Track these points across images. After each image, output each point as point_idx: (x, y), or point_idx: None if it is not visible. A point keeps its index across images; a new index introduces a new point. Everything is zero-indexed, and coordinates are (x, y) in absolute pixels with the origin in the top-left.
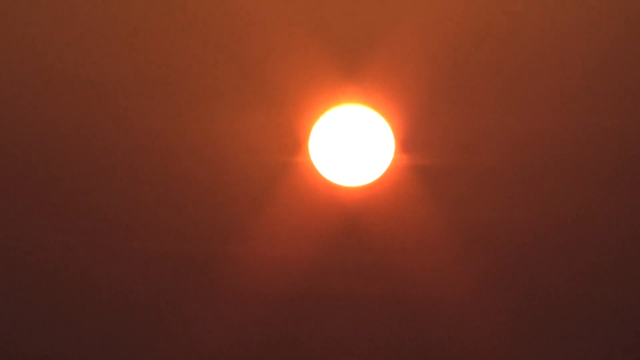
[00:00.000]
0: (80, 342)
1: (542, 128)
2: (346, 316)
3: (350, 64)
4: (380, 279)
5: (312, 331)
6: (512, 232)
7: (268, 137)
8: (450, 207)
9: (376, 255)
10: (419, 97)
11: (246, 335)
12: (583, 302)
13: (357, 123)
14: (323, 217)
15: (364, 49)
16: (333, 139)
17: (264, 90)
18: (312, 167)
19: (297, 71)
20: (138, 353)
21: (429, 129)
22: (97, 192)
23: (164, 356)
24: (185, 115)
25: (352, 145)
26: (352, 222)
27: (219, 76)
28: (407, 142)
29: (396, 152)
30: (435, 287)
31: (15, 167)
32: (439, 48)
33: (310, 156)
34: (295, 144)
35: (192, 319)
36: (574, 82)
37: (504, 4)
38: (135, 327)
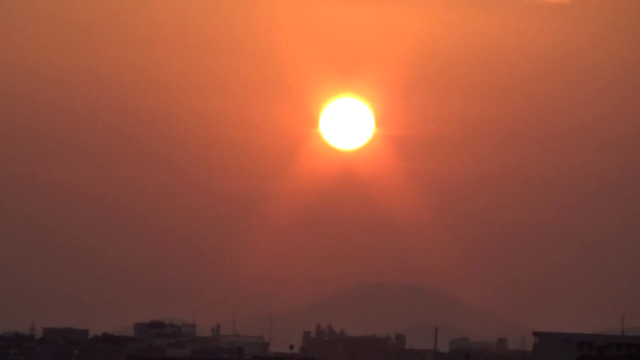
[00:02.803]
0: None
1: (476, 112)
2: (342, 223)
3: (347, 73)
4: (363, 204)
5: (322, 233)
6: (455, 179)
7: (295, 117)
8: (410, 161)
9: (362, 190)
10: (391, 93)
11: (280, 237)
12: (508, 226)
13: (350, 108)
14: (328, 167)
15: (355, 63)
16: (335, 118)
17: (293, 90)
18: (321, 136)
19: (313, 78)
20: (219, 254)
21: (396, 113)
22: (184, 150)
23: (233, 253)
24: (243, 104)
25: (347, 122)
26: (346, 170)
27: (267, 83)
28: (382, 121)
29: (375, 127)
30: (400, 210)
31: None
32: (406, 61)
33: (320, 129)
34: (311, 122)
35: (249, 228)
36: (499, 82)
37: (454, 32)
38: (215, 232)
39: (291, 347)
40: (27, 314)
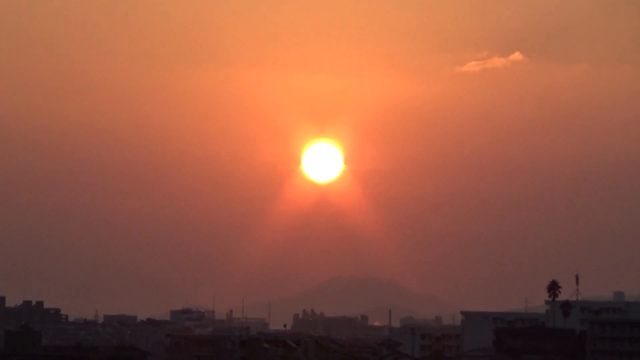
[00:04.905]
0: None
1: (417, 151)
2: (320, 235)
3: (322, 124)
4: (334, 219)
5: (305, 242)
6: (403, 201)
7: (283, 157)
8: (369, 189)
9: (334, 210)
10: (355, 138)
11: (274, 246)
12: (442, 235)
13: (324, 150)
14: (309, 194)
15: (328, 117)
16: (313, 158)
17: (282, 137)
18: (303, 171)
19: (296, 128)
20: (230, 237)
21: (359, 153)
22: (201, 182)
23: (241, 258)
24: (247, 147)
25: (322, 161)
26: (321, 197)
27: (263, 132)
28: (349, 160)
29: (344, 164)
30: (363, 225)
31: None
32: (366, 115)
33: (302, 166)
34: (295, 161)
35: (250, 239)
36: (432, 129)
37: (400, 94)
38: (228, 230)
39: (285, 325)
40: (91, 304)
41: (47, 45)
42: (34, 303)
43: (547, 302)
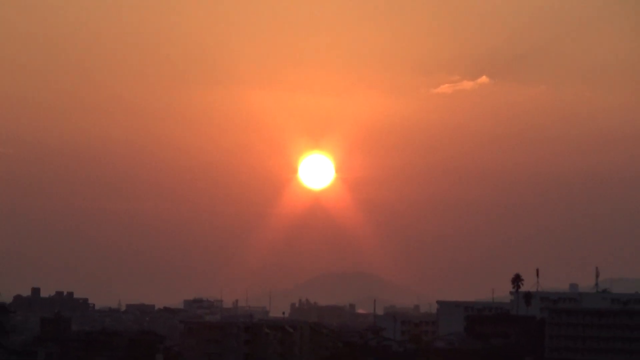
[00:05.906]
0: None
1: (397, 161)
2: (314, 234)
3: (316, 137)
4: (326, 221)
5: (301, 241)
6: (387, 205)
7: (282, 167)
8: (357, 194)
9: (326, 214)
10: (345, 150)
11: (274, 244)
12: (422, 234)
13: (319, 161)
14: (303, 199)
15: (321, 132)
16: (308, 167)
17: (281, 149)
18: (299, 179)
19: (294, 141)
20: (229, 243)
21: (348, 164)
22: (213, 189)
23: (245, 254)
24: (250, 159)
25: (316, 170)
26: (315, 202)
27: (265, 145)
28: (340, 169)
29: (335, 173)
30: (351, 226)
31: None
32: (356, 129)
33: (299, 174)
34: (292, 169)
35: (254, 238)
36: (410, 141)
37: (384, 111)
38: (229, 235)
39: (283, 313)
40: (115, 294)
41: (78, 70)
42: (65, 293)
43: (511, 292)
